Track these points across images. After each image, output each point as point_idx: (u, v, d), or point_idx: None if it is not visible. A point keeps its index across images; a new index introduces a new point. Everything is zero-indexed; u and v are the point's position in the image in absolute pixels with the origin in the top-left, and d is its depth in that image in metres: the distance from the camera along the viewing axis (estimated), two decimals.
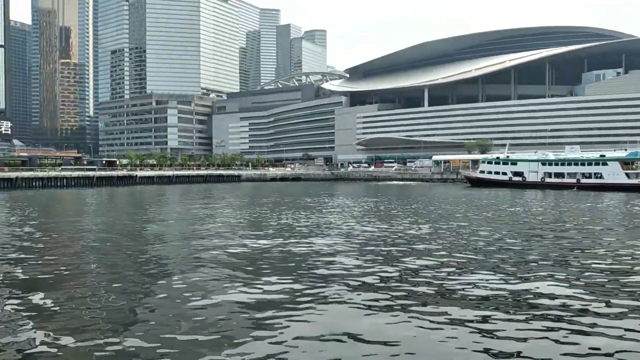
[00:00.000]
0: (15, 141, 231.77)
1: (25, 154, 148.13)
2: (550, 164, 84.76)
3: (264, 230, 31.60)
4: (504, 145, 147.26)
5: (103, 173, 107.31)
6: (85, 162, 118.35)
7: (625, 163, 77.73)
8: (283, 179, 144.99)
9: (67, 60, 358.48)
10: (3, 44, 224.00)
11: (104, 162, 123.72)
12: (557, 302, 14.59)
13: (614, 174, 76.98)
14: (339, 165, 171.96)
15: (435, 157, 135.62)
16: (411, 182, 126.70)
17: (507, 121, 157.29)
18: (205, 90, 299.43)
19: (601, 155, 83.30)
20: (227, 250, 23.47)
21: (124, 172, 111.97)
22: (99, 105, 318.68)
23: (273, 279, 17.38)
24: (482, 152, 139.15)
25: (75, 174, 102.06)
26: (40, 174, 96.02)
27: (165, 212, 47.35)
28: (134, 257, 22.09)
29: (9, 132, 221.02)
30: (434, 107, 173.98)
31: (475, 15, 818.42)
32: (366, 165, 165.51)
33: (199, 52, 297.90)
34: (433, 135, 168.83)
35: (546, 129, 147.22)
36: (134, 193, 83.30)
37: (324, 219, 38.38)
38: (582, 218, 40.23)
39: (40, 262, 20.84)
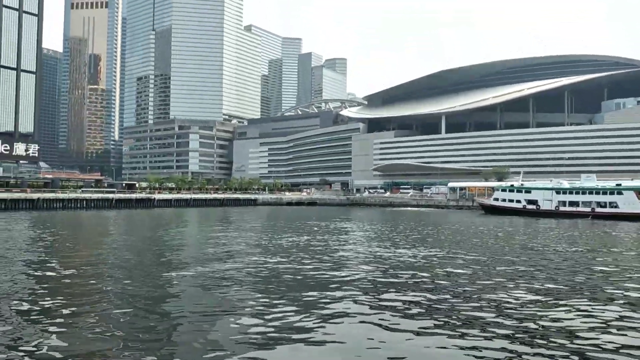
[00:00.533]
0: (42, 163, 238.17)
1: (50, 176, 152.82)
2: (564, 193, 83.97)
3: (275, 251, 32.46)
4: (525, 173, 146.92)
5: (122, 195, 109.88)
6: (105, 185, 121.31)
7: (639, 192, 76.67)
8: (299, 203, 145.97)
9: (95, 86, 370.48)
10: (35, 70, 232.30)
11: (124, 184, 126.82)
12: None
13: (629, 204, 75.90)
14: (355, 190, 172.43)
15: (450, 184, 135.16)
16: (426, 209, 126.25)
17: (525, 149, 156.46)
18: (227, 116, 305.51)
19: (617, 185, 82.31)
20: (244, 271, 24.26)
21: (143, 195, 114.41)
22: (124, 130, 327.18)
23: (288, 299, 18.12)
24: (499, 180, 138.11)
25: (95, 196, 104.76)
26: (61, 195, 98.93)
27: (181, 234, 48.63)
28: (153, 277, 22.99)
29: (36, 154, 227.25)
30: (451, 134, 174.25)
31: (482, 5, 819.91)
32: (382, 190, 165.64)
33: (221, 80, 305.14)
34: (450, 162, 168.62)
35: (565, 157, 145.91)
36: (151, 215, 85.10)
37: (337, 242, 39.10)
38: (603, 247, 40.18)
39: (61, 284, 21.91)
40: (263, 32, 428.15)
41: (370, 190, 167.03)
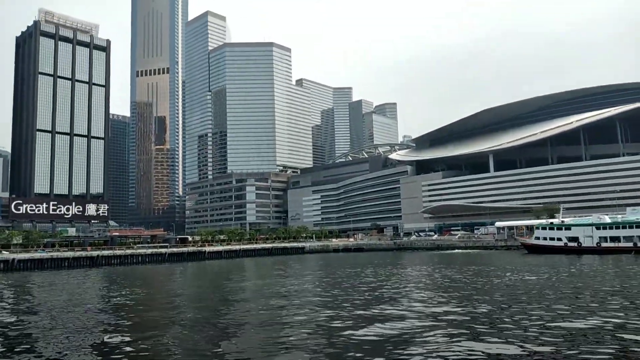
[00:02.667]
0: (111, 222, 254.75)
1: (117, 234, 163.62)
2: (604, 228, 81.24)
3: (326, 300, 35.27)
4: (575, 208, 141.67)
5: (174, 250, 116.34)
6: (160, 240, 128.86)
7: None
8: (345, 249, 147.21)
9: (161, 147, 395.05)
10: (103, 136, 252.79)
11: (177, 239, 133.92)
12: None
13: None
14: (402, 234, 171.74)
15: (497, 224, 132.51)
16: (474, 250, 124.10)
17: (577, 183, 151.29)
18: (281, 167, 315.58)
19: None
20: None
21: (194, 248, 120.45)
22: (187, 186, 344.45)
23: None
24: (551, 217, 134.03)
25: (149, 251, 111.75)
26: (118, 252, 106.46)
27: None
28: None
29: (106, 214, 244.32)
30: (499, 172, 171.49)
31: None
32: (432, 233, 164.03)
33: (274, 133, 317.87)
34: (501, 200, 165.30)
35: (619, 190, 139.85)
36: (201, 269, 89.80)
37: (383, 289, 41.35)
38: None
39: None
40: (314, 84, 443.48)
41: (419, 234, 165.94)
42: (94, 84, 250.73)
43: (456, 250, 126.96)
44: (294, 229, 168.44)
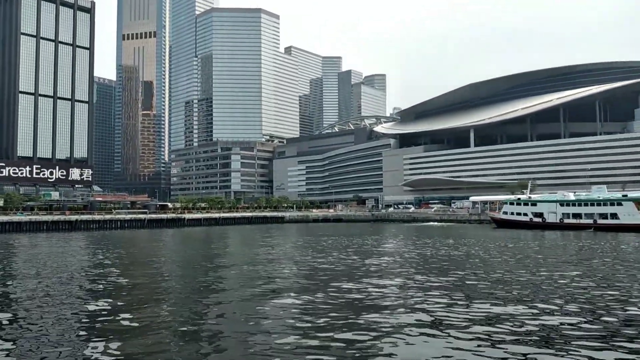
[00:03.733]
0: (95, 187, 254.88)
1: (100, 199, 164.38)
2: (568, 205, 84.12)
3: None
4: (550, 185, 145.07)
5: (153, 216, 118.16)
6: (140, 206, 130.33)
7: (639, 203, 76.05)
8: (325, 220, 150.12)
9: (148, 112, 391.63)
10: (87, 100, 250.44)
11: (157, 205, 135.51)
12: None
13: (629, 215, 75.44)
14: (380, 206, 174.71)
15: (472, 198, 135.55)
16: (448, 224, 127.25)
17: (553, 160, 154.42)
18: (267, 136, 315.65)
19: (623, 195, 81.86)
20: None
21: (173, 215, 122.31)
22: (173, 153, 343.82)
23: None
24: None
25: (128, 217, 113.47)
26: (97, 217, 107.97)
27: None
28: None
29: (90, 178, 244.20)
30: (479, 147, 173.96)
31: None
32: (409, 206, 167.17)
33: (260, 101, 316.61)
34: (480, 175, 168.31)
35: (595, 167, 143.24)
36: (177, 235, 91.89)
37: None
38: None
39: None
40: (303, 52, 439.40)
41: (397, 206, 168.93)
42: (78, 47, 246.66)
43: (431, 223, 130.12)
44: (274, 199, 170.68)
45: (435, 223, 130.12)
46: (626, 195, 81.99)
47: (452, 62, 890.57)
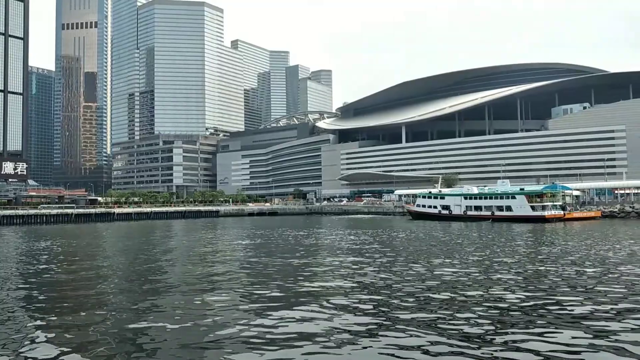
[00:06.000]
0: (31, 181, 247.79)
1: (34, 193, 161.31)
2: (471, 198, 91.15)
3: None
4: (473, 179, 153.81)
5: (81, 210, 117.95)
6: (68, 201, 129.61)
7: (530, 196, 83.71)
8: (260, 213, 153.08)
9: (90, 104, 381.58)
10: (21, 92, 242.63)
11: (87, 200, 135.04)
12: None
13: (521, 207, 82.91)
14: (316, 200, 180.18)
15: (397, 192, 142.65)
16: (375, 215, 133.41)
17: (477, 156, 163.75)
18: (212, 130, 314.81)
19: (520, 189, 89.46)
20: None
21: (102, 210, 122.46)
22: (115, 146, 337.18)
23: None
24: (449, 186, 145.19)
25: (55, 211, 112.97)
26: (20, 212, 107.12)
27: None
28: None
29: (25, 172, 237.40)
30: (408, 143, 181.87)
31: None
32: (343, 199, 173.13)
33: (204, 94, 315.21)
34: (410, 169, 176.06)
35: (514, 163, 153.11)
36: (97, 230, 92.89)
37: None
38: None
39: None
40: (250, 46, 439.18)
41: (334, 199, 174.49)
42: (11, 36, 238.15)
43: (360, 215, 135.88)
44: (209, 193, 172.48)
45: (364, 215, 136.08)
46: (523, 189, 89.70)
47: (402, 59, 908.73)
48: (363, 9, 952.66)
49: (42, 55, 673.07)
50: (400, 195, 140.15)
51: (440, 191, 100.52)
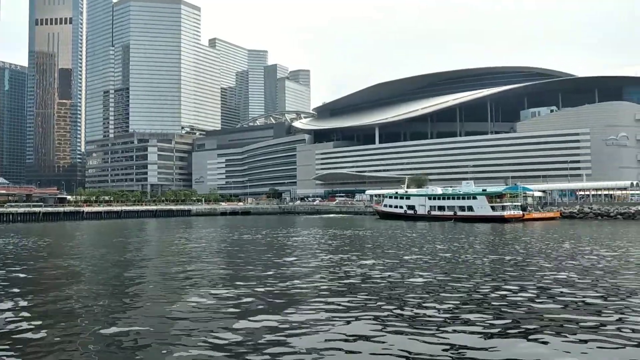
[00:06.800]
0: (0, 179, 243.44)
1: (4, 191, 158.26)
2: (435, 199, 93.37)
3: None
4: (442, 180, 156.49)
5: (49, 209, 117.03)
6: (36, 199, 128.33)
7: (491, 197, 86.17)
8: (233, 213, 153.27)
9: (64, 101, 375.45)
10: None
11: (56, 198, 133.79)
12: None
13: (481, 207, 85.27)
14: (290, 200, 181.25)
15: (368, 192, 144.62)
16: (345, 215, 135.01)
17: (447, 157, 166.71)
18: (188, 128, 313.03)
19: (483, 190, 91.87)
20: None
21: (71, 208, 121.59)
22: (89, 144, 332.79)
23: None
24: (419, 187, 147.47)
25: (21, 210, 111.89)
26: None
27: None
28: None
29: None
30: (381, 144, 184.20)
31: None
32: (316, 199, 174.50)
33: (179, 93, 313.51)
34: (383, 170, 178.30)
35: (483, 164, 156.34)
36: (62, 229, 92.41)
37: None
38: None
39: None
40: (228, 45, 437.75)
41: (308, 199, 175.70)
42: None
43: (331, 215, 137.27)
44: (181, 192, 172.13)
45: (336, 215, 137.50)
46: (485, 190, 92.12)
47: (381, 59, 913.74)
48: (339, 4, 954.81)
49: (15, 51, 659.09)
50: (371, 195, 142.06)
51: (406, 192, 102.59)
